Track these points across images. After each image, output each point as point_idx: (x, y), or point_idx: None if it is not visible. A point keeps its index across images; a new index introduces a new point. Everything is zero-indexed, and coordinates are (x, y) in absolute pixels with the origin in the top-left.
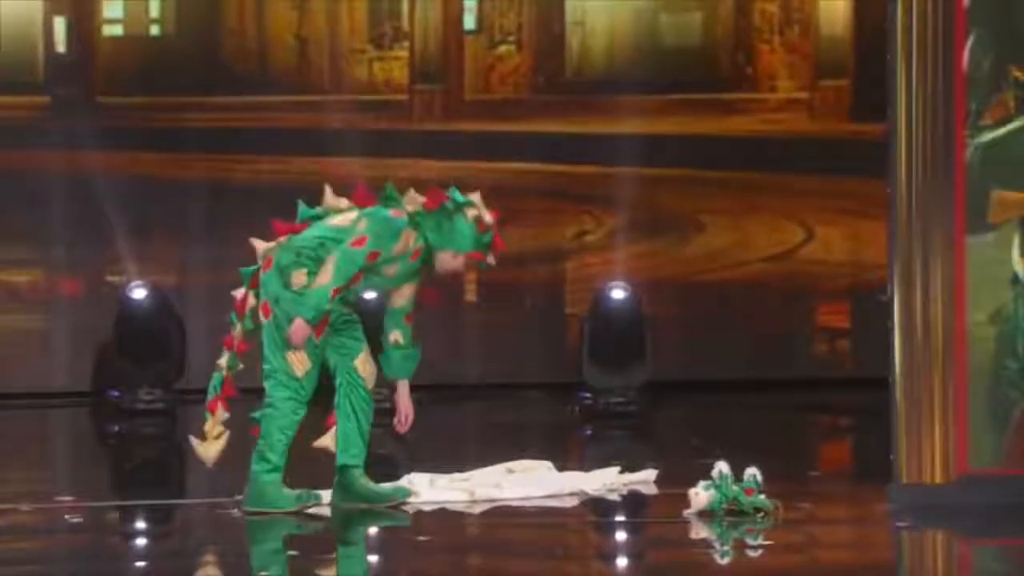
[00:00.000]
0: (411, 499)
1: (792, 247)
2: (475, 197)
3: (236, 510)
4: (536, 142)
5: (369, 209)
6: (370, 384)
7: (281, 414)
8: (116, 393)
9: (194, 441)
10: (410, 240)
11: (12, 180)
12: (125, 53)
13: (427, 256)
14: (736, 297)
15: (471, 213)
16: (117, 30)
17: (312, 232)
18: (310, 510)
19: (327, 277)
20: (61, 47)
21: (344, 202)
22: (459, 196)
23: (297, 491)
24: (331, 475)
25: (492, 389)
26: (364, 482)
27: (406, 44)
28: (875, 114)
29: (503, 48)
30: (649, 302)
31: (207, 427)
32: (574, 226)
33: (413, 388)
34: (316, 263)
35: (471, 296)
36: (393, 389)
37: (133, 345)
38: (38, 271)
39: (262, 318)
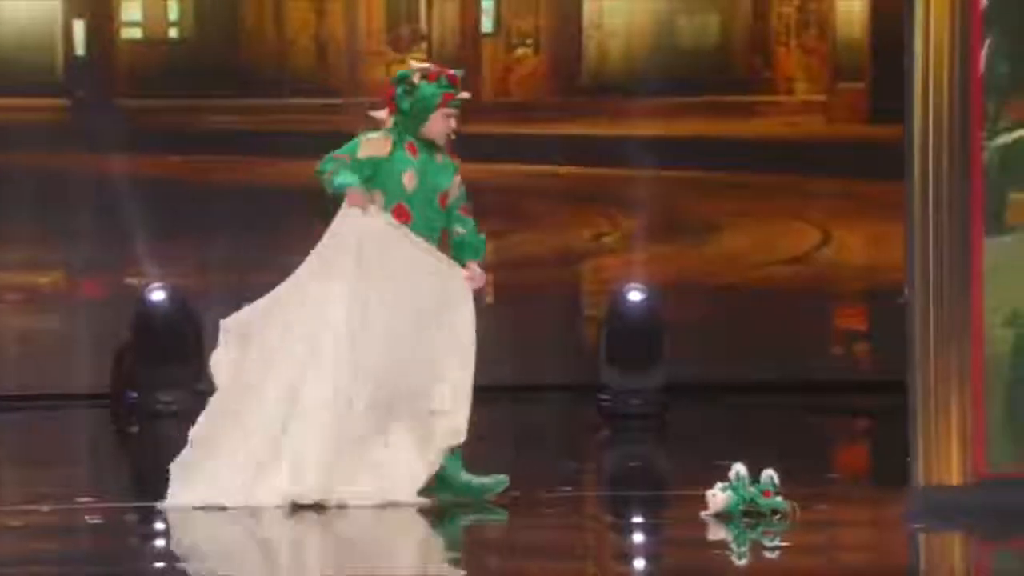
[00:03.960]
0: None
1: (809, 250)
2: (411, 63)
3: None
4: (553, 144)
5: None
6: None
7: None
8: (134, 395)
9: None
10: (384, 143)
11: (32, 182)
12: (144, 55)
13: (425, 145)
14: (754, 300)
15: (417, 78)
16: (136, 33)
17: None
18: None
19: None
20: (80, 49)
21: None
22: (400, 73)
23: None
24: None
25: (509, 391)
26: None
27: (424, 46)
28: (892, 116)
29: (520, 51)
30: (667, 304)
31: None
32: (592, 228)
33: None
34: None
35: (488, 298)
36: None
37: (152, 347)
38: (58, 273)
39: None
